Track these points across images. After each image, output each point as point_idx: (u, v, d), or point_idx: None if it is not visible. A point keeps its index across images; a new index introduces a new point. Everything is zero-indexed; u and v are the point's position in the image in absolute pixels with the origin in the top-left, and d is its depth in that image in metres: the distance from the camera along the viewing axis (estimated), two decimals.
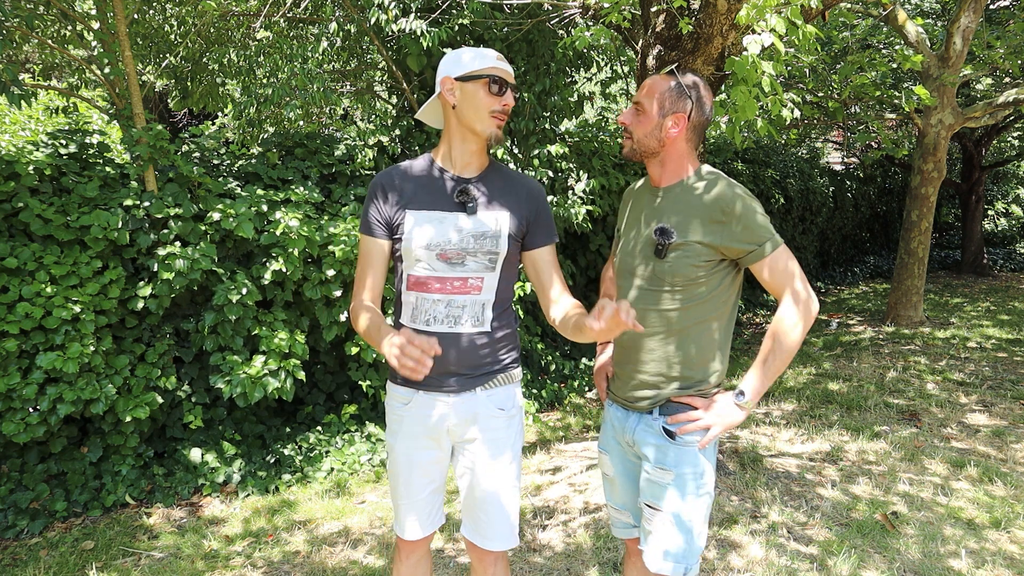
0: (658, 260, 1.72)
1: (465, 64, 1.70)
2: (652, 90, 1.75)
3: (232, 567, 3.03)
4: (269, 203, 4.07)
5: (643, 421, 1.78)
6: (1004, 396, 5.00)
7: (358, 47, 5.99)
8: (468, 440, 1.82)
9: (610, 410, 1.91)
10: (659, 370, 1.75)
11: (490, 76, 1.68)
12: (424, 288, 1.73)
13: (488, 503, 1.82)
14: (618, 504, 1.94)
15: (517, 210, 1.77)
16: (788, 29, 2.67)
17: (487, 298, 1.76)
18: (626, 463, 1.89)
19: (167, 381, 3.75)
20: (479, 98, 1.69)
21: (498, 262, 1.75)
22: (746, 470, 3.77)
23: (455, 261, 1.71)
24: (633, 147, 1.78)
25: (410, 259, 1.73)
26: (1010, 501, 3.35)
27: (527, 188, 1.81)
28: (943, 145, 7.23)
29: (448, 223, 1.71)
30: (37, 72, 6.11)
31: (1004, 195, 14.84)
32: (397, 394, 1.84)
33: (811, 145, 11.65)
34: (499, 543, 1.84)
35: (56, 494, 3.52)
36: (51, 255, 3.44)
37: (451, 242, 1.71)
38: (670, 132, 1.74)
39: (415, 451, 1.82)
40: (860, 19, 7.40)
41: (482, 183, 1.76)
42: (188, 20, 5.52)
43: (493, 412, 1.81)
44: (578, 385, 5.55)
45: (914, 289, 7.58)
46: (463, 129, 1.73)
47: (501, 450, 1.81)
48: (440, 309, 1.73)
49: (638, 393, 1.79)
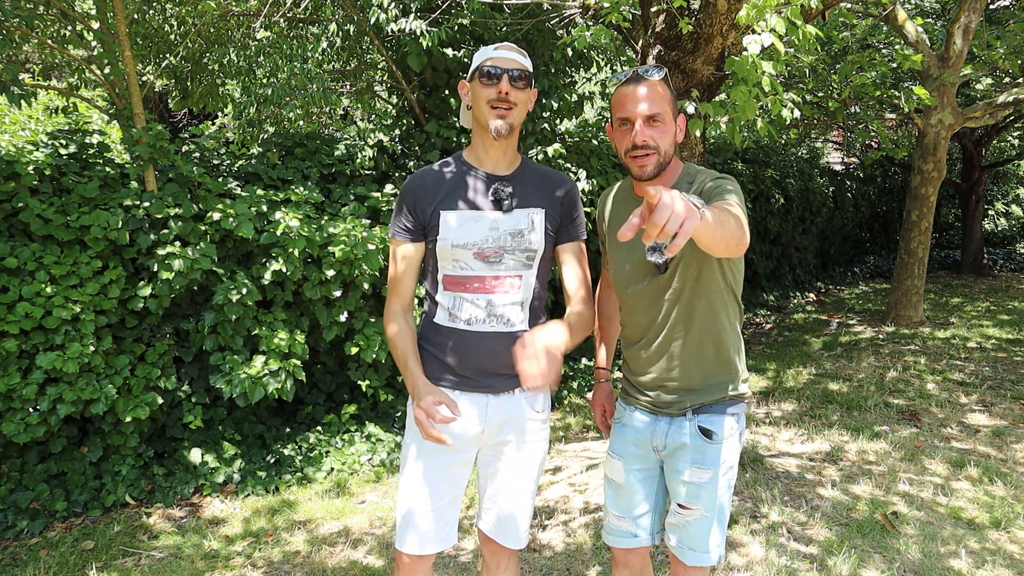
0: (661, 271, 1.71)
1: (473, 64, 1.72)
2: (662, 99, 1.65)
3: (232, 567, 3.03)
4: (269, 203, 4.07)
5: (674, 424, 1.77)
6: (1004, 396, 5.00)
7: (358, 47, 5.99)
8: (502, 442, 1.79)
9: (631, 416, 1.86)
10: (686, 373, 1.75)
11: (481, 68, 1.68)
12: (462, 288, 1.71)
13: (516, 504, 1.82)
14: (622, 512, 1.88)
15: (552, 207, 1.76)
16: (788, 29, 2.67)
17: (525, 296, 1.74)
18: (644, 471, 1.85)
19: (167, 381, 3.75)
20: (478, 92, 1.69)
21: (536, 259, 1.74)
22: (746, 470, 3.77)
23: (493, 260, 1.70)
24: (660, 162, 1.66)
25: (446, 259, 1.71)
26: (1010, 501, 3.35)
27: (562, 185, 1.80)
28: (943, 145, 7.23)
29: (484, 222, 1.70)
30: (37, 72, 6.11)
31: (1004, 195, 14.84)
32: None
33: (811, 145, 11.64)
34: (518, 542, 1.85)
35: (56, 494, 3.52)
36: (51, 255, 3.44)
37: (488, 240, 1.69)
38: (678, 137, 1.71)
39: (436, 454, 1.74)
40: (860, 19, 7.40)
41: (516, 181, 1.75)
42: (188, 20, 5.52)
43: (530, 414, 1.79)
44: (578, 385, 5.55)
45: (914, 289, 7.58)
46: (479, 127, 1.74)
47: (534, 453, 1.81)
48: (480, 310, 1.71)
49: (668, 398, 1.78)
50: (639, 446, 1.84)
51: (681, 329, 1.73)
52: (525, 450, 1.79)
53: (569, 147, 5.57)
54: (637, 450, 1.84)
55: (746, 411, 1.82)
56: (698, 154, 3.36)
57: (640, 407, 1.84)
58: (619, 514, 1.88)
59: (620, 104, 1.66)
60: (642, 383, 1.82)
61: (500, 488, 1.82)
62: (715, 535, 1.77)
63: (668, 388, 1.77)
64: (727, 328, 1.75)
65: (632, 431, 1.85)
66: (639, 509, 1.86)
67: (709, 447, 1.73)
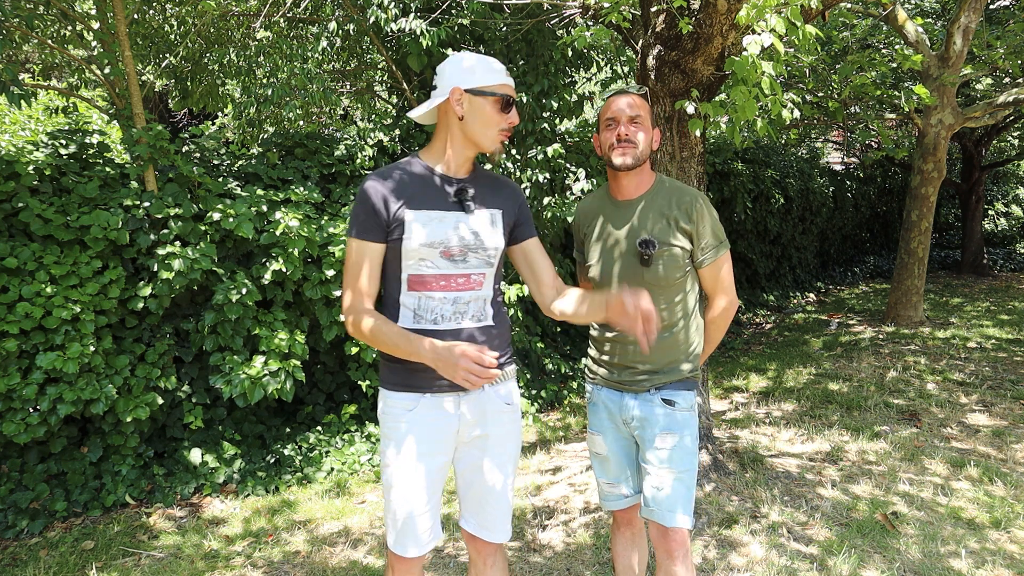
0: (645, 269, 1.93)
1: (477, 77, 1.73)
2: (643, 106, 1.96)
3: (232, 567, 3.03)
4: (269, 203, 4.07)
5: (641, 398, 2.00)
6: (1004, 396, 5.00)
7: (358, 47, 6.00)
8: (476, 437, 1.83)
9: (600, 394, 2.10)
10: (658, 358, 1.99)
11: (503, 96, 1.74)
12: (427, 287, 1.74)
13: (495, 497, 1.86)
14: (612, 479, 2.12)
15: (507, 207, 1.86)
16: (788, 29, 2.67)
17: (487, 294, 1.82)
18: (620, 441, 2.08)
19: (167, 381, 3.75)
20: (488, 114, 1.74)
21: (496, 258, 1.82)
22: (746, 470, 3.77)
23: (458, 258, 1.75)
24: (637, 155, 1.93)
25: (411, 258, 1.73)
26: (1010, 501, 3.35)
27: (510, 187, 1.92)
28: (943, 145, 7.23)
29: (449, 221, 1.75)
30: (37, 72, 6.12)
31: (1004, 195, 14.84)
32: (398, 400, 1.77)
33: (811, 145, 11.64)
34: (502, 535, 1.89)
35: (56, 494, 3.52)
36: (51, 255, 3.44)
37: (453, 240, 1.74)
38: (653, 145, 1.99)
39: (421, 457, 1.75)
40: (860, 19, 7.40)
41: (473, 183, 1.82)
42: (188, 20, 5.52)
43: (501, 407, 1.84)
44: (577, 385, 5.55)
45: (914, 289, 7.58)
46: (466, 139, 1.77)
47: (508, 445, 1.86)
48: (447, 307, 1.75)
49: (639, 379, 2.00)
50: (612, 420, 2.07)
51: (660, 318, 1.94)
52: (499, 443, 1.84)
53: (569, 147, 5.57)
54: (611, 423, 2.08)
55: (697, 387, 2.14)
56: (698, 154, 3.36)
57: (608, 386, 2.07)
58: (609, 481, 2.13)
59: (608, 109, 1.98)
60: (612, 364, 2.04)
61: (478, 483, 1.85)
62: (686, 498, 1.95)
63: (638, 370, 1.99)
64: (695, 318, 2.03)
65: (603, 408, 2.09)
66: (624, 473, 2.11)
67: (675, 413, 1.97)
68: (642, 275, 1.94)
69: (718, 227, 1.97)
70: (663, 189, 1.98)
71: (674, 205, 1.94)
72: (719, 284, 2.00)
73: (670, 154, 3.32)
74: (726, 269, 2.00)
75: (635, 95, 1.97)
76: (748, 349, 7.01)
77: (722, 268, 1.99)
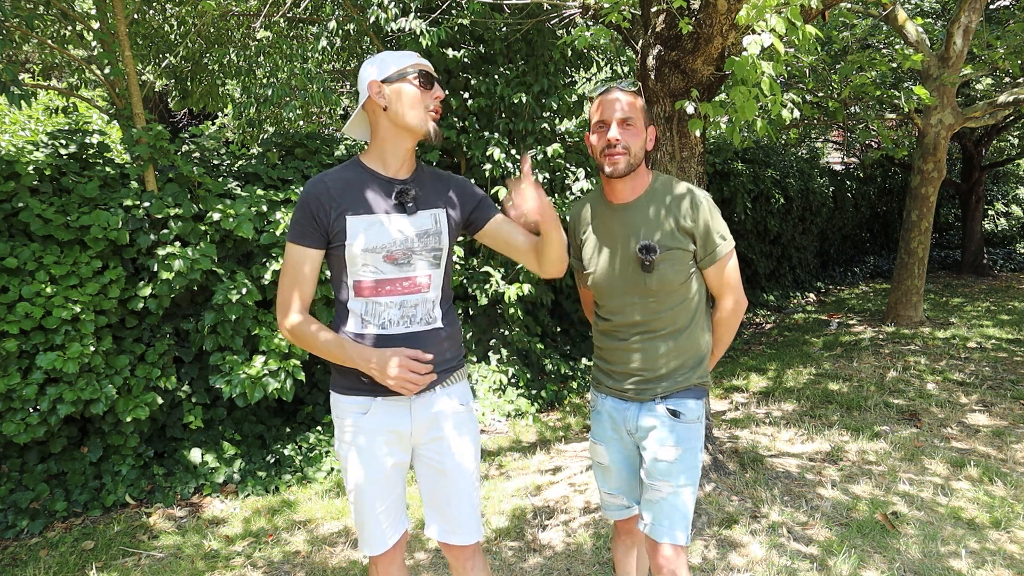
0: (647, 275, 1.86)
1: (389, 66, 1.72)
2: (633, 107, 1.85)
3: (232, 567, 3.03)
4: (269, 203, 4.07)
5: (644, 408, 1.93)
6: (1004, 396, 5.00)
7: (358, 47, 5.99)
8: (432, 439, 1.81)
9: (604, 403, 2.02)
10: (662, 365, 1.91)
11: (419, 72, 1.71)
12: (374, 292, 1.73)
13: (460, 498, 1.84)
14: (613, 489, 2.07)
15: (452, 205, 1.82)
16: (788, 29, 2.67)
17: (435, 296, 1.79)
18: (623, 452, 2.02)
19: (167, 381, 3.75)
20: (410, 95, 1.71)
21: (442, 258, 1.79)
22: (746, 470, 3.77)
23: (402, 261, 1.73)
24: (630, 161, 1.84)
25: (355, 264, 1.72)
26: (1010, 501, 3.35)
27: (453, 181, 1.87)
28: (943, 145, 7.22)
29: (390, 225, 1.73)
30: (37, 72, 6.12)
31: (1004, 195, 14.84)
32: (350, 404, 1.77)
33: (811, 145, 11.64)
34: (473, 536, 1.86)
35: (56, 494, 3.52)
36: (51, 255, 3.44)
37: (396, 243, 1.72)
38: (647, 145, 1.89)
39: (377, 460, 1.77)
40: (860, 19, 7.40)
41: (416, 184, 1.79)
42: (188, 20, 5.52)
43: (455, 408, 1.83)
44: (577, 386, 5.55)
45: (914, 289, 7.58)
46: (397, 130, 1.74)
47: (467, 444, 1.84)
48: (394, 311, 1.73)
49: (644, 387, 1.93)
50: (615, 430, 2.01)
51: (662, 325, 1.90)
52: (457, 443, 1.82)
53: (569, 147, 5.57)
54: (614, 434, 2.01)
55: (707, 397, 2.07)
56: (698, 154, 3.36)
57: (612, 395, 2.00)
58: (610, 491, 2.08)
59: (598, 110, 1.88)
60: (617, 373, 1.97)
61: (440, 487, 1.84)
62: (683, 515, 1.89)
63: (644, 378, 1.92)
64: (702, 322, 1.94)
65: (607, 417, 2.02)
66: (626, 484, 2.06)
67: (678, 426, 1.89)
68: (644, 281, 1.86)
69: (721, 224, 1.87)
70: (661, 189, 1.89)
71: (673, 205, 1.85)
72: (725, 283, 1.91)
73: (670, 154, 3.32)
74: (731, 267, 1.90)
75: (626, 92, 1.86)
76: (748, 349, 7.01)
77: (727, 266, 1.90)
